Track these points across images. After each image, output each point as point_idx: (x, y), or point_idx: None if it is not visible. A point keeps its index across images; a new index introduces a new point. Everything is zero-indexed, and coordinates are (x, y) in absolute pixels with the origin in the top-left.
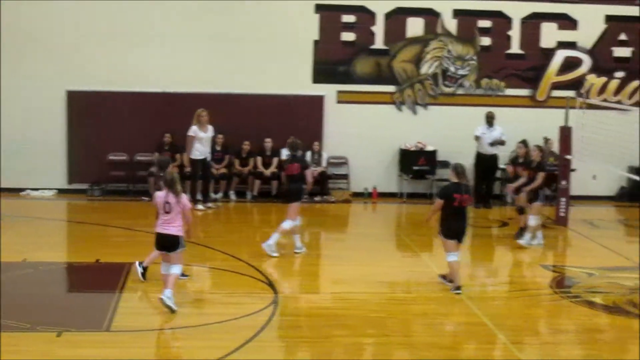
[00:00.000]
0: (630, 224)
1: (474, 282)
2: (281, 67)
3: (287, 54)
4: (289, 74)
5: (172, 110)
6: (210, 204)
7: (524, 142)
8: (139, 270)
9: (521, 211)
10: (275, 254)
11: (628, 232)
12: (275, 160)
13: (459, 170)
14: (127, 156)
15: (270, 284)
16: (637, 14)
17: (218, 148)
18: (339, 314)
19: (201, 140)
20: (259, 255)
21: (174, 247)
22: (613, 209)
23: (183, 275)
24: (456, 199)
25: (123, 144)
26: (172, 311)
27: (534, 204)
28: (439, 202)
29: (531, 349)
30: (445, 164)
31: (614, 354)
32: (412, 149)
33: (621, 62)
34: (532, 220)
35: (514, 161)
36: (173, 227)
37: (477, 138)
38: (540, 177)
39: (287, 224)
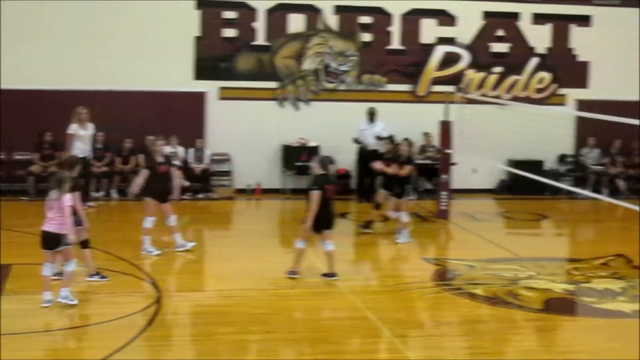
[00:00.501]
0: (509, 216)
1: (358, 277)
2: (162, 63)
3: (168, 51)
4: (171, 70)
5: (51, 108)
6: (91, 203)
7: (390, 139)
8: (96, 278)
9: (377, 207)
10: (155, 253)
11: (508, 224)
12: None
13: (325, 162)
14: (4, 155)
15: (153, 283)
16: (514, 10)
17: (99, 146)
18: (223, 311)
19: (81, 139)
20: (141, 254)
21: (54, 244)
22: (493, 201)
23: (103, 277)
24: (328, 190)
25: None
26: (73, 305)
27: (402, 199)
28: (317, 194)
29: (415, 341)
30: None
31: (496, 344)
32: (295, 144)
33: (499, 57)
34: (404, 217)
35: (383, 158)
36: (53, 224)
37: (356, 140)
38: (407, 169)
39: (146, 223)
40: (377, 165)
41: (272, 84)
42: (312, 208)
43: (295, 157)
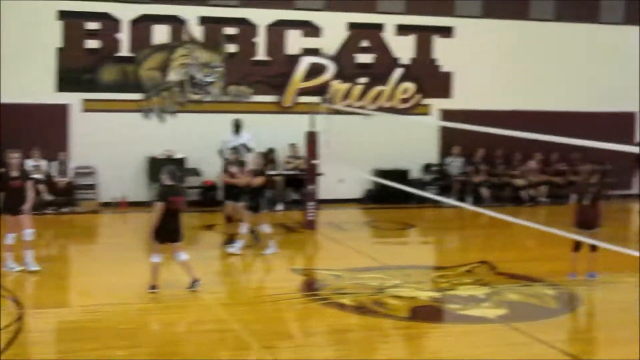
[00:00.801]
0: (376, 225)
1: (224, 289)
2: (23, 75)
3: (28, 62)
4: (32, 82)
5: None
6: None
7: (234, 149)
8: None
9: (229, 220)
10: (17, 269)
11: (374, 233)
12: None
13: (173, 173)
14: None
15: (15, 300)
16: (378, 22)
17: None
18: (88, 327)
19: None
20: (3, 271)
21: None
22: (360, 211)
23: None
24: (174, 201)
25: None
26: None
27: (258, 213)
28: (160, 205)
29: (284, 352)
30: (195, 172)
31: (364, 353)
32: (161, 157)
33: (364, 68)
34: (266, 228)
35: (226, 168)
36: None
37: (220, 153)
38: (257, 180)
39: (6, 239)
40: (224, 177)
41: (136, 96)
42: (153, 219)
43: (161, 169)
